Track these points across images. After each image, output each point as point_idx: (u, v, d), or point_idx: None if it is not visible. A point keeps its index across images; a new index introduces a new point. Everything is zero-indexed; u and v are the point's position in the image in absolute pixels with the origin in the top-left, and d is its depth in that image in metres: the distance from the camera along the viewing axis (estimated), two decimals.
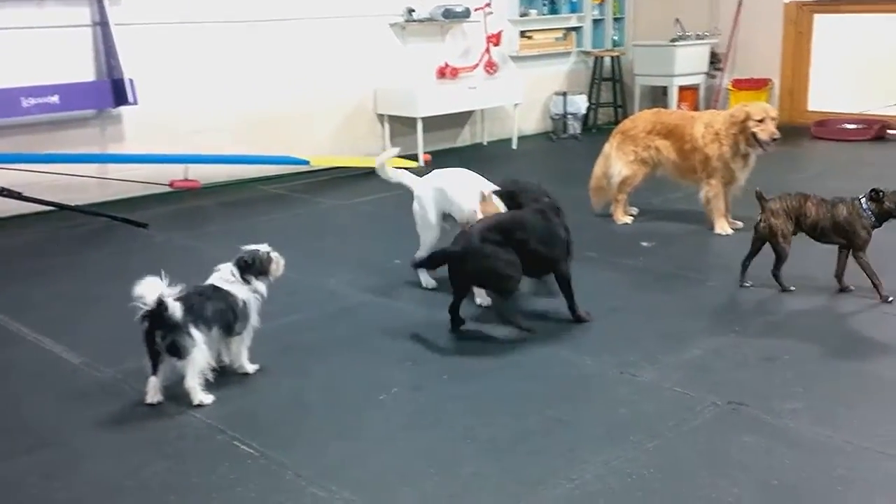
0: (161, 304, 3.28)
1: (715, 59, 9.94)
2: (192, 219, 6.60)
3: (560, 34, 10.14)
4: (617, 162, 5.98)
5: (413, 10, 8.61)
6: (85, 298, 4.84)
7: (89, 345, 4.11)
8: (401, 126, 8.68)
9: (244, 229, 6.17)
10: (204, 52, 7.43)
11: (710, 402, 3.33)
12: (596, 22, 10.34)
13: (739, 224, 5.70)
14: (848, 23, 9.43)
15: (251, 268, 3.65)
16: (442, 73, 8.95)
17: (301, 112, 8.06)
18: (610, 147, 6.09)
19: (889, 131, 8.91)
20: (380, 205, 6.84)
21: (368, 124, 8.63)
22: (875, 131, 8.78)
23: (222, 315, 3.53)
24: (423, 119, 8.38)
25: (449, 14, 8.69)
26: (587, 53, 10.27)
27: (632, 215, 6.08)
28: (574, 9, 10.14)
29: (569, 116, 9.73)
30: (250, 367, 3.72)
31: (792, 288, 4.44)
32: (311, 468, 2.97)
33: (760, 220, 4.42)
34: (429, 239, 4.75)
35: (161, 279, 3.33)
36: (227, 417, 3.35)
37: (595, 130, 10.01)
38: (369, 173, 7.93)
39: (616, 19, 10.53)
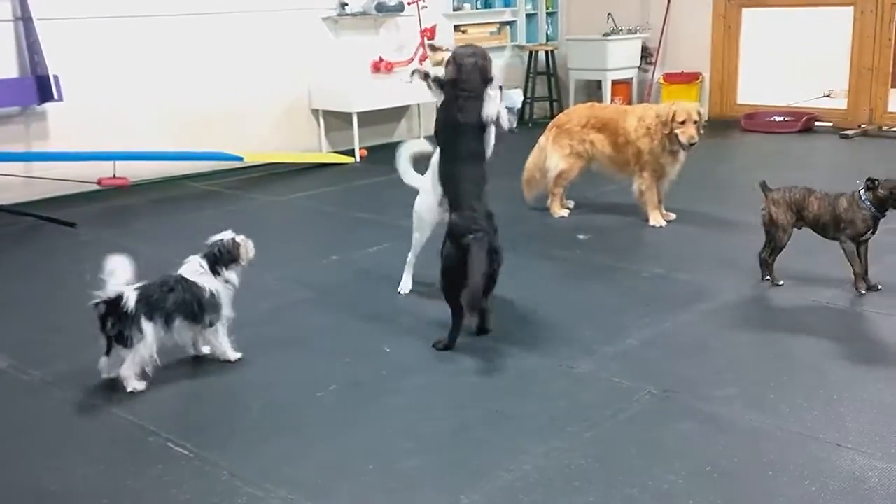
0: (117, 296, 3.36)
1: (646, 54, 10.08)
2: (122, 217, 6.45)
3: (494, 28, 10.17)
4: (553, 155, 6.01)
5: (346, 4, 8.54)
6: (10, 300, 4.70)
7: (16, 347, 3.99)
8: (336, 121, 8.61)
9: (175, 227, 6.06)
10: (132, 47, 7.26)
11: (646, 391, 3.37)
12: (529, 16, 10.39)
13: (672, 216, 5.78)
14: (775, 17, 9.64)
15: (221, 258, 3.66)
16: (376, 68, 8.91)
17: (234, 107, 7.94)
18: (545, 140, 6.11)
19: (816, 123, 9.13)
20: (316, 201, 6.78)
21: (303, 120, 8.54)
22: (803, 123, 8.99)
23: (185, 306, 3.54)
24: (359, 114, 8.32)
25: (382, 8, 8.65)
26: (521, 48, 10.33)
27: (568, 208, 6.12)
28: (508, 3, 10.18)
29: (504, 110, 9.75)
30: (233, 355, 3.73)
31: (781, 283, 4.43)
32: (246, 468, 2.92)
33: (762, 209, 4.45)
34: (421, 241, 4.49)
35: (127, 262, 3.42)
36: (160, 418, 3.28)
37: (531, 124, 10.06)
38: (305, 169, 7.90)
39: (549, 14, 10.60)
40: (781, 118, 9.22)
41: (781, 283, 4.41)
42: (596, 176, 6.28)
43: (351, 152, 8.35)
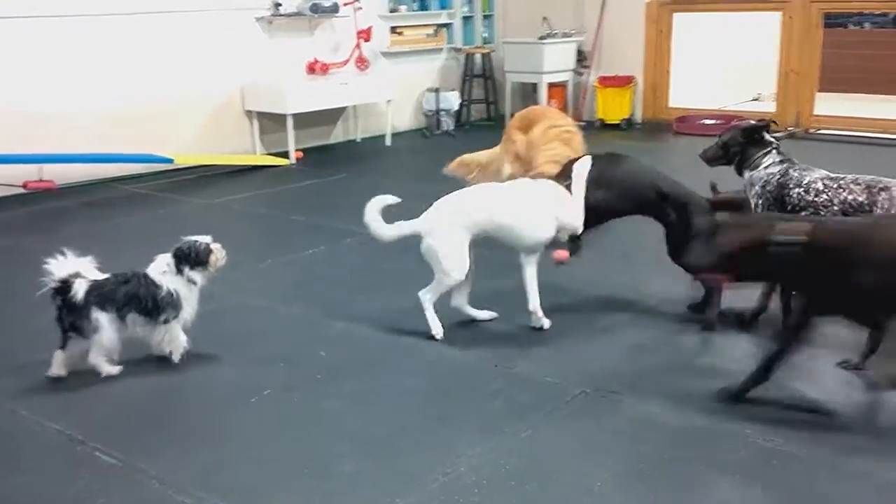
0: (64, 284, 3.43)
1: (581, 57, 10.18)
2: (49, 221, 6.28)
3: (431, 30, 10.17)
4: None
5: (279, 5, 8.46)
6: None
7: None
8: (270, 123, 8.52)
9: (104, 231, 5.92)
10: (59, 47, 7.07)
11: (581, 391, 3.40)
12: (466, 19, 10.42)
13: None
14: (705, 21, 9.82)
15: (187, 258, 3.67)
16: (312, 69, 8.83)
17: (164, 109, 7.79)
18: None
19: None
20: (250, 203, 6.70)
21: (236, 121, 8.42)
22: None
23: (137, 302, 3.57)
24: (294, 116, 8.24)
25: (317, 9, 8.58)
26: (458, 50, 10.35)
27: None
28: (444, 5, 10.19)
29: (442, 113, 9.77)
30: (177, 357, 3.70)
31: None
32: (177, 475, 2.86)
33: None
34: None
35: (72, 257, 3.50)
36: (87, 427, 3.20)
37: (468, 126, 10.09)
38: (238, 171, 7.79)
39: (485, 16, 10.64)
40: (712, 121, 9.39)
41: None
42: None
43: (286, 154, 8.26)
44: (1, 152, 6.59)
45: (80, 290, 3.46)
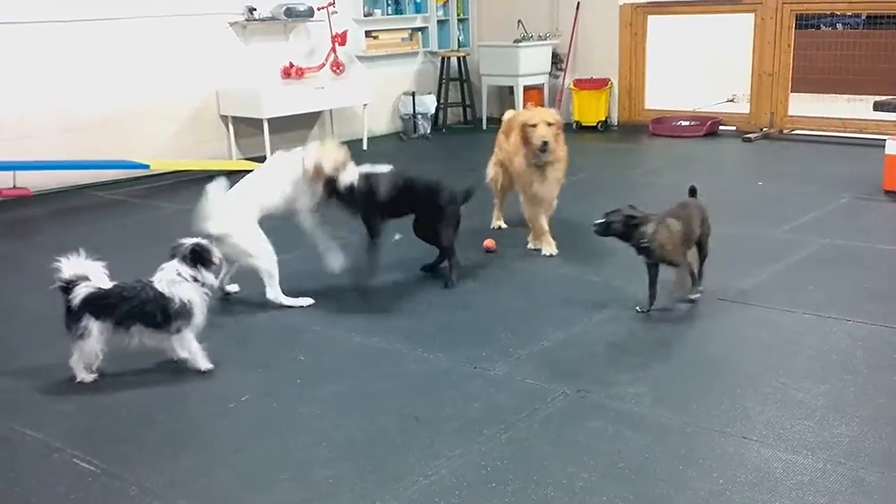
0: (67, 287, 3.45)
1: (557, 60, 10.22)
2: (24, 229, 6.23)
3: (406, 34, 10.18)
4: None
5: (254, 9, 8.43)
6: None
7: None
8: (246, 128, 8.49)
9: (80, 238, 5.77)
10: (32, 54, 7.03)
11: (560, 392, 3.41)
12: (441, 22, 10.43)
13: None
14: (679, 24, 9.89)
15: (202, 259, 3.66)
16: (287, 74, 8.82)
17: (139, 115, 7.75)
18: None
19: (720, 127, 9.41)
20: None
21: (212, 126, 8.39)
22: (707, 127, 9.25)
23: (143, 315, 3.54)
24: (270, 120, 8.22)
25: (291, 13, 8.57)
26: (434, 54, 10.36)
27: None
28: (419, 9, 10.20)
29: (418, 116, 9.78)
30: (203, 364, 3.66)
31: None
32: (156, 482, 2.85)
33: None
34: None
35: (83, 259, 3.51)
36: (64, 434, 3.18)
37: (445, 130, 10.11)
38: (214, 177, 7.73)
39: (461, 20, 10.66)
40: (687, 123, 9.47)
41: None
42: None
43: (262, 159, 8.20)
44: None
45: (78, 295, 3.44)
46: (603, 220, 4.14)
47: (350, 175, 4.48)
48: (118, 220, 6.39)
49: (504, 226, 5.77)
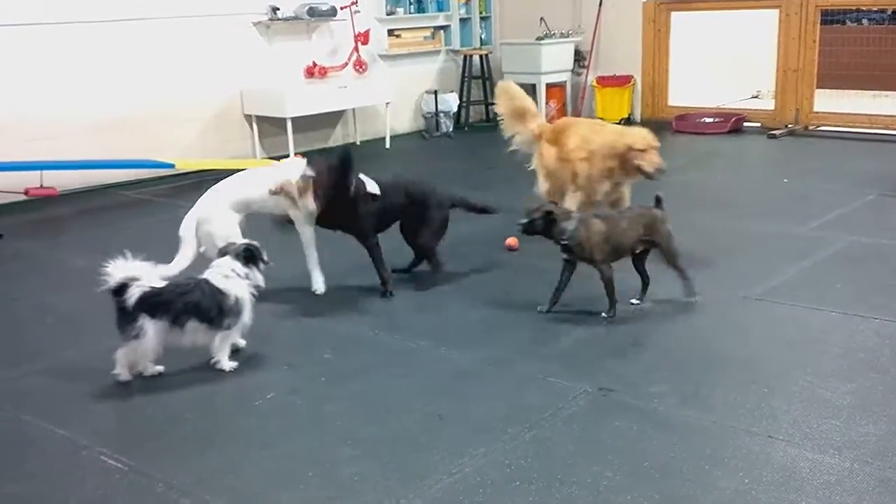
0: (120, 289, 3.42)
1: (579, 57, 10.19)
2: (51, 228, 6.30)
3: (428, 33, 10.18)
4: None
5: (277, 9, 8.47)
6: None
7: None
8: (270, 127, 8.53)
9: (106, 237, 5.91)
10: (60, 55, 7.11)
11: (583, 390, 3.40)
12: (463, 21, 10.44)
13: None
14: (703, 20, 9.83)
15: (253, 257, 3.74)
16: (310, 73, 8.85)
17: (164, 114, 7.81)
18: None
19: (745, 123, 9.34)
20: None
21: (236, 126, 8.44)
22: (732, 124, 9.19)
23: (199, 311, 3.56)
24: (293, 119, 8.26)
25: (314, 12, 8.60)
26: (456, 52, 10.36)
27: None
28: (441, 7, 10.20)
29: (440, 114, 9.78)
30: (227, 364, 3.68)
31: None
32: (183, 479, 2.87)
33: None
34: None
35: (132, 260, 3.49)
36: (92, 432, 3.21)
37: (467, 128, 10.11)
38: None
39: (483, 18, 10.66)
40: (711, 119, 9.41)
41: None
42: None
43: (286, 158, 8.26)
44: (2, 160, 6.61)
45: (133, 296, 3.44)
46: (527, 220, 4.16)
47: (310, 204, 4.40)
48: (143, 220, 6.44)
49: None
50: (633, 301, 4.27)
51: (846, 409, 3.19)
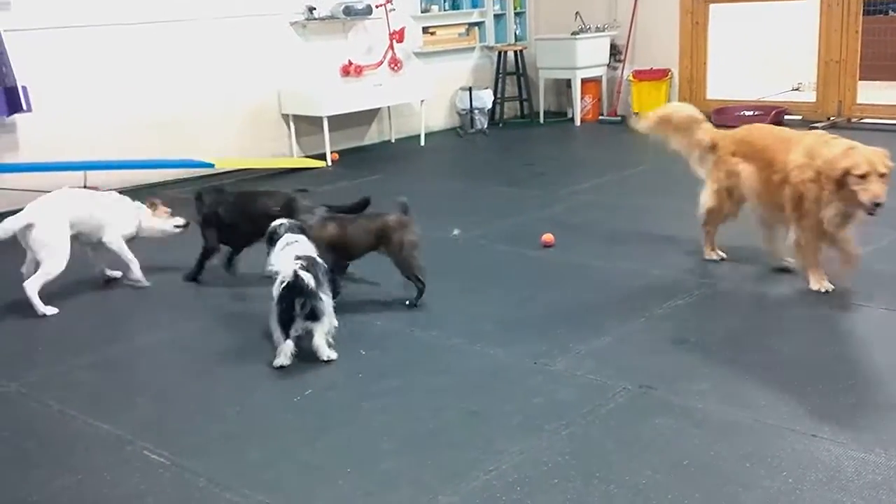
0: (297, 277, 3.56)
1: (615, 52, 10.12)
2: None
3: (463, 29, 10.18)
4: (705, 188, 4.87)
5: (314, 9, 8.52)
6: None
7: None
8: (307, 126, 8.59)
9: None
10: (101, 57, 7.21)
11: (622, 388, 3.38)
12: (498, 17, 10.41)
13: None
14: (742, 11, 9.72)
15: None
16: (346, 72, 8.89)
17: (203, 114, 7.89)
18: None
19: (786, 116, 9.21)
20: None
21: (273, 125, 8.51)
22: (772, 117, 9.06)
23: (330, 281, 3.82)
24: (329, 118, 8.30)
25: (350, 11, 8.63)
26: (491, 48, 10.34)
27: (721, 255, 4.84)
28: (475, 4, 10.19)
29: (475, 111, 9.77)
30: (329, 353, 3.78)
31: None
32: (224, 473, 2.90)
33: None
34: None
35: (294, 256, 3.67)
36: (136, 427, 3.25)
37: (502, 124, 10.08)
38: (276, 174, 7.86)
39: (517, 14, 10.62)
40: (751, 112, 9.28)
41: None
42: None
43: (322, 156, 8.32)
44: (46, 160, 6.72)
45: (307, 277, 3.59)
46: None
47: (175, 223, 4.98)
48: (185, 217, 6.49)
49: (724, 256, 4.83)
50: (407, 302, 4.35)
51: (893, 408, 3.14)
